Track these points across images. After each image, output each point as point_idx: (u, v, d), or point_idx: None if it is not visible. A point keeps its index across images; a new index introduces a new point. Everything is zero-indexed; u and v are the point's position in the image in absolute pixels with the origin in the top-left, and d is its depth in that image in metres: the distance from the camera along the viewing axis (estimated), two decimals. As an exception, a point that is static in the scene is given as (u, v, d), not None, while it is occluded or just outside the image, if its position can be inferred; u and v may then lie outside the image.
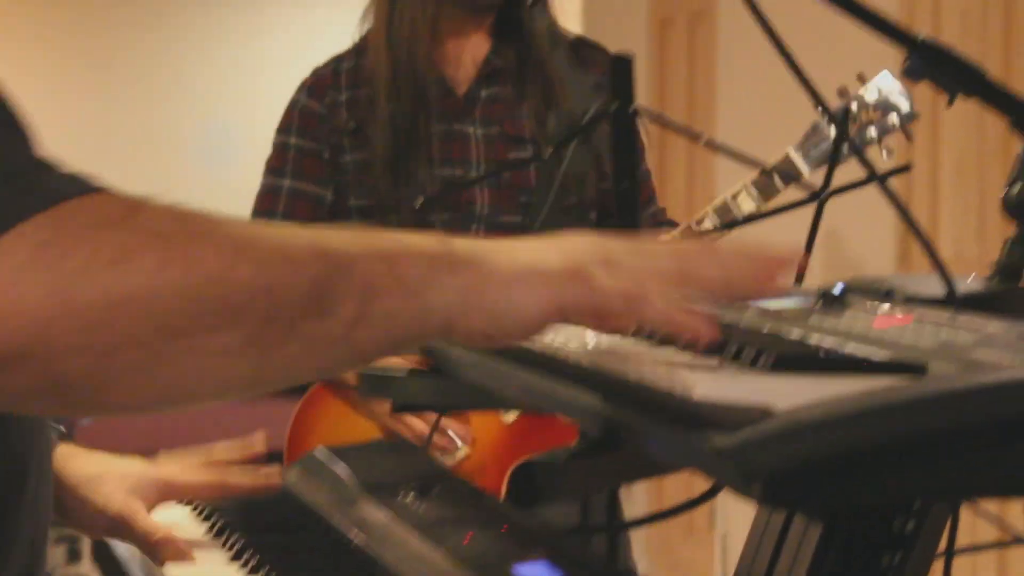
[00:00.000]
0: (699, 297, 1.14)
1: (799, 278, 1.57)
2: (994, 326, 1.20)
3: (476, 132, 2.89)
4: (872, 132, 2.92)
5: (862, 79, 2.93)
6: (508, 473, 2.55)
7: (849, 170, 1.83)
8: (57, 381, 0.96)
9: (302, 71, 3.07)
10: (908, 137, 3.00)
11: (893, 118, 2.93)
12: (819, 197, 2.04)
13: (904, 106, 2.92)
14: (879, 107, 2.90)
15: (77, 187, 1.00)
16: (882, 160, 2.96)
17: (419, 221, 2.75)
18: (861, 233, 4.70)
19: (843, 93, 2.92)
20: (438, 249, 1.08)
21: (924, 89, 1.63)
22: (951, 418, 0.96)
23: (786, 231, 1.61)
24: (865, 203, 2.27)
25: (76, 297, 0.95)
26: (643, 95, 3.24)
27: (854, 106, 2.90)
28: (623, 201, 1.96)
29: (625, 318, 1.12)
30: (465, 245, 1.10)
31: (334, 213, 2.90)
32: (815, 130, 2.92)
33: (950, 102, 1.48)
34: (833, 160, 1.96)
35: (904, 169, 1.89)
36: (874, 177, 1.46)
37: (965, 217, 4.32)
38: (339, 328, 1.03)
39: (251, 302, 0.99)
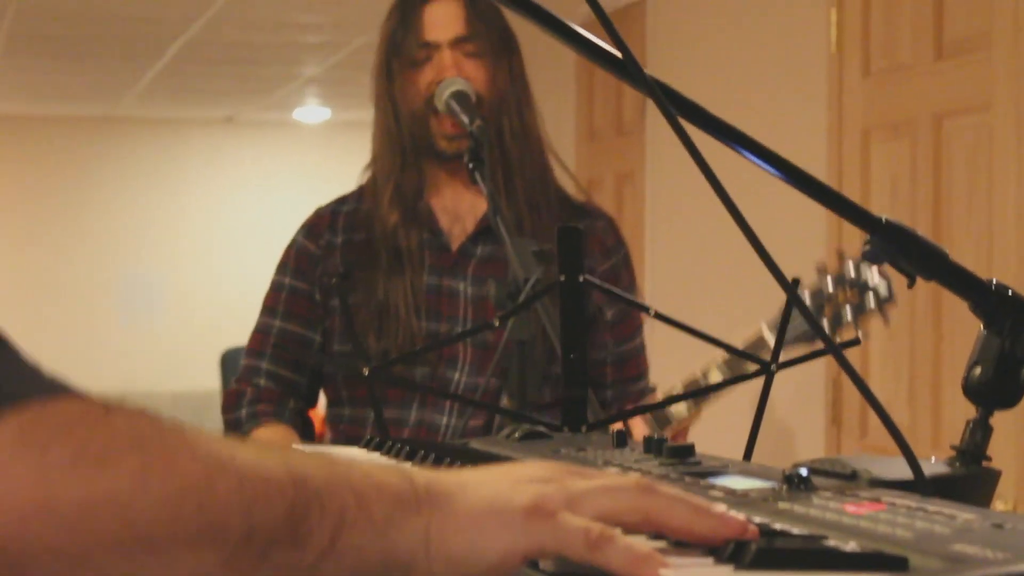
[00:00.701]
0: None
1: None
2: (967, 515, 1.19)
3: (466, 289, 2.89)
4: (848, 312, 2.90)
5: (841, 257, 2.92)
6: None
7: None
8: None
9: (221, 224, 3.09)
10: (885, 320, 2.95)
11: (870, 299, 2.90)
12: (768, 369, 2.04)
13: (882, 288, 2.89)
14: (856, 287, 2.88)
15: (48, 385, 0.98)
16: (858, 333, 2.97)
17: (396, 376, 2.75)
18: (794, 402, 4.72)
19: (821, 270, 2.91)
20: (403, 487, 1.06)
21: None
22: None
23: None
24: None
25: (59, 494, 0.92)
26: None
27: (830, 285, 2.89)
28: (570, 371, 1.95)
29: (588, 559, 1.08)
30: (428, 480, 1.08)
31: (322, 354, 2.92)
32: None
33: (910, 284, 1.48)
34: (782, 331, 1.96)
35: (854, 343, 1.89)
36: (828, 350, 1.45)
37: (897, 386, 4.34)
38: (309, 558, 1.01)
39: (229, 520, 0.97)
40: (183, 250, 12.72)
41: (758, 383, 1.89)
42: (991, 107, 4.02)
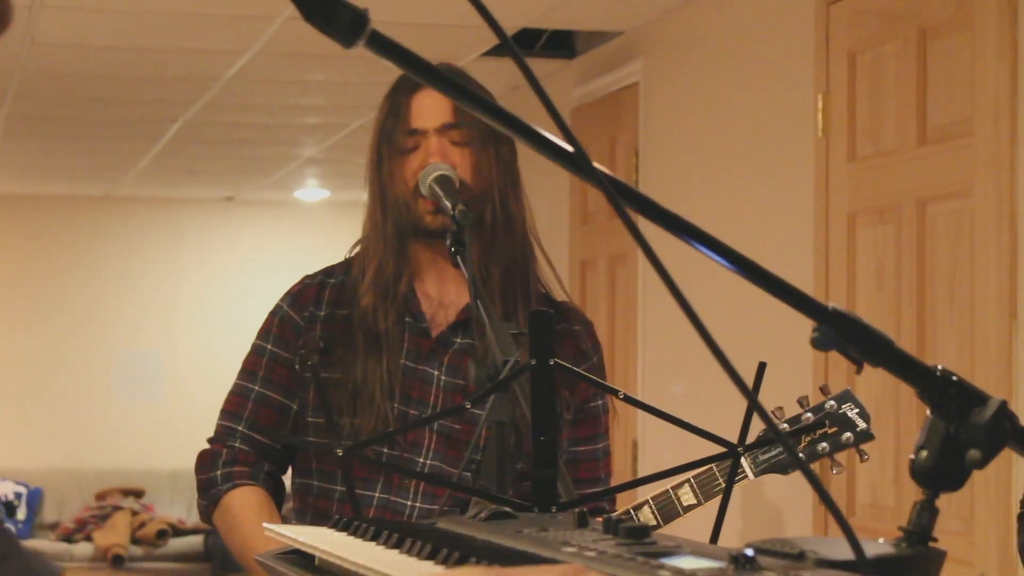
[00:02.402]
0: None
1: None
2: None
3: (440, 377, 2.91)
4: (825, 446, 2.94)
5: (824, 392, 2.96)
6: None
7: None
8: None
9: (221, 303, 3.13)
10: (861, 458, 2.98)
11: (847, 435, 2.93)
12: (735, 452, 2.09)
13: (860, 425, 2.93)
14: (835, 422, 2.92)
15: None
16: (831, 475, 3.00)
17: (367, 456, 2.78)
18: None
19: (802, 403, 2.94)
20: None
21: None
22: None
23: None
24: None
25: None
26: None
27: (809, 416, 2.92)
28: (541, 453, 1.99)
29: None
30: None
31: (297, 422, 2.95)
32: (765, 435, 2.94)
33: (858, 371, 1.52)
34: (749, 414, 2.00)
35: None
36: (791, 455, 1.50)
37: (883, 467, 4.37)
38: None
39: None
40: (182, 328, 12.75)
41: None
42: (972, 192, 4.08)
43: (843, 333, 1.51)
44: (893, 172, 4.44)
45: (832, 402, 2.93)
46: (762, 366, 1.99)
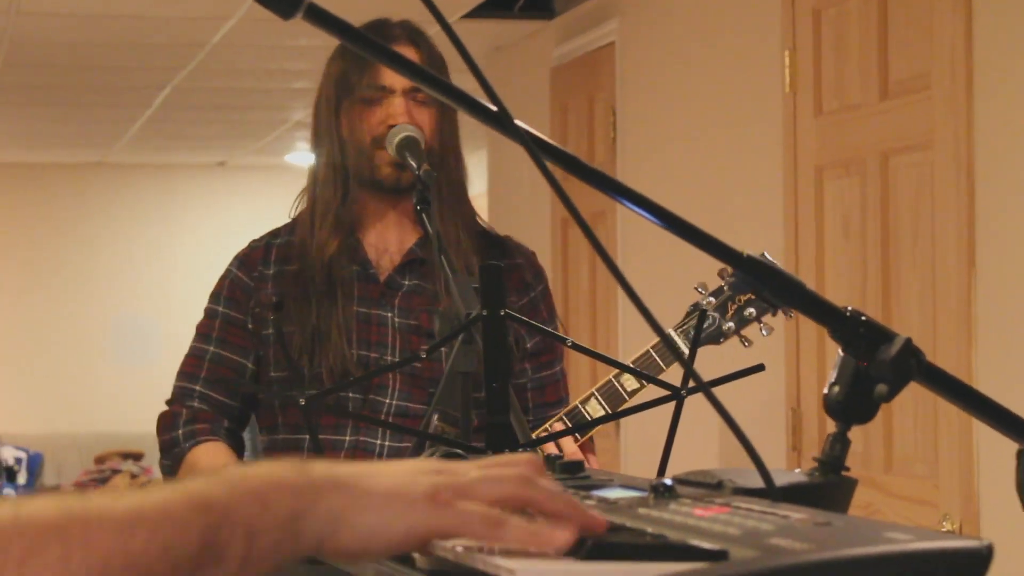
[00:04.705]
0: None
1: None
2: (800, 516, 1.34)
3: (394, 319, 3.02)
4: (752, 311, 3.03)
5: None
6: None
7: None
8: None
9: (213, 268, 3.24)
10: (787, 314, 3.09)
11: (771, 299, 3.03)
12: (679, 395, 2.19)
13: None
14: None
15: None
16: (761, 337, 3.10)
17: (330, 404, 2.90)
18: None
19: (722, 275, 3.05)
20: (300, 480, 1.19)
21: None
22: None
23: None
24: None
25: None
26: (553, 287, 3.40)
27: (729, 288, 3.02)
28: (493, 400, 2.10)
29: (487, 538, 1.22)
30: (326, 469, 1.21)
31: (256, 381, 3.05)
32: (695, 310, 3.02)
33: (773, 313, 1.63)
34: (692, 358, 2.11)
35: (759, 368, 2.04)
36: (716, 406, 1.60)
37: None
38: (231, 569, 1.14)
39: (151, 566, 1.10)
40: (177, 292, 12.83)
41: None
42: (932, 144, 4.18)
43: (758, 277, 1.62)
44: (857, 126, 4.55)
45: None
46: (703, 315, 2.11)
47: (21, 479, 12.18)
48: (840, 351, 1.61)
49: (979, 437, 3.93)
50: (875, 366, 1.59)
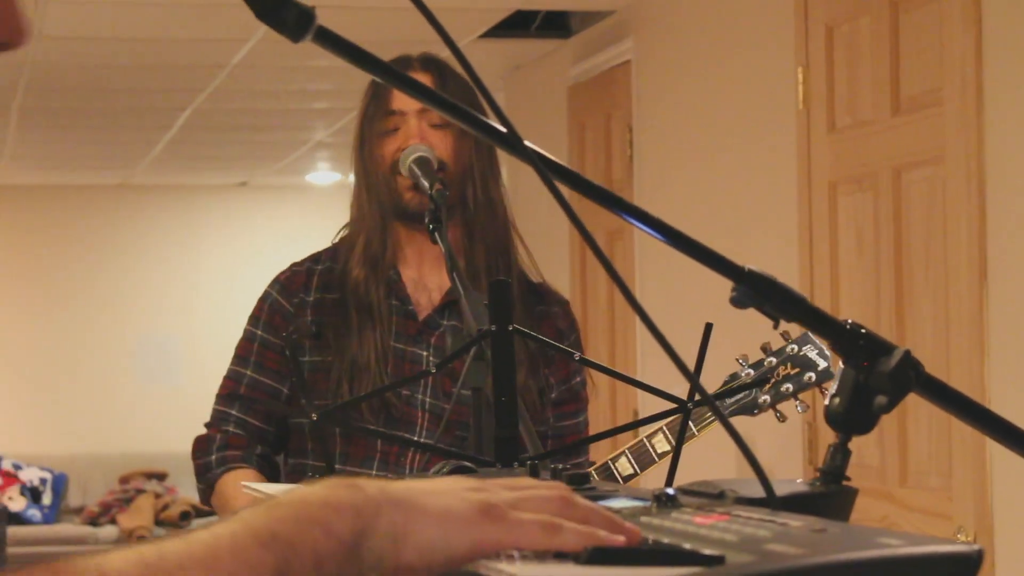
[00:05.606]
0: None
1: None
2: (796, 523, 1.38)
3: (429, 358, 3.01)
4: (788, 387, 3.08)
5: (785, 338, 3.10)
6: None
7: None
8: None
9: (236, 288, 3.26)
10: (822, 392, 3.10)
11: (809, 375, 3.07)
12: (685, 408, 2.22)
13: (821, 364, 3.07)
14: (797, 363, 3.07)
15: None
16: (797, 412, 3.15)
17: (348, 423, 2.92)
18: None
19: (765, 349, 3.09)
20: (357, 499, 1.20)
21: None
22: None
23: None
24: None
25: None
26: (573, 303, 3.42)
27: (772, 360, 3.08)
28: (502, 414, 2.13)
29: (546, 545, 1.25)
30: (380, 487, 1.22)
31: (290, 406, 3.06)
32: (732, 380, 3.08)
33: (775, 327, 1.66)
34: (697, 371, 2.14)
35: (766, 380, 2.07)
36: (716, 414, 1.63)
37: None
38: None
39: None
40: (201, 312, 12.89)
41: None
42: (944, 159, 4.21)
43: (759, 292, 1.65)
44: (870, 142, 4.58)
45: (793, 345, 3.07)
46: (708, 327, 2.12)
47: (46, 499, 12.23)
48: (841, 363, 1.64)
49: (993, 450, 3.95)
50: (875, 378, 1.62)
